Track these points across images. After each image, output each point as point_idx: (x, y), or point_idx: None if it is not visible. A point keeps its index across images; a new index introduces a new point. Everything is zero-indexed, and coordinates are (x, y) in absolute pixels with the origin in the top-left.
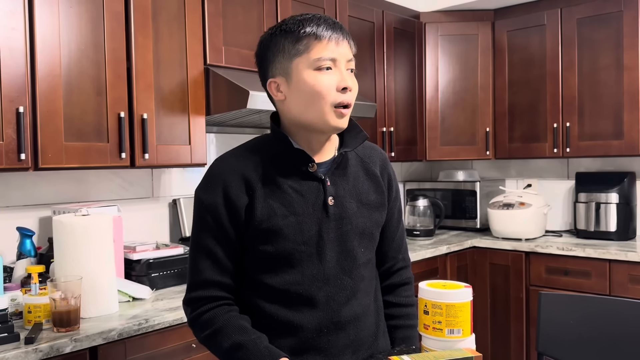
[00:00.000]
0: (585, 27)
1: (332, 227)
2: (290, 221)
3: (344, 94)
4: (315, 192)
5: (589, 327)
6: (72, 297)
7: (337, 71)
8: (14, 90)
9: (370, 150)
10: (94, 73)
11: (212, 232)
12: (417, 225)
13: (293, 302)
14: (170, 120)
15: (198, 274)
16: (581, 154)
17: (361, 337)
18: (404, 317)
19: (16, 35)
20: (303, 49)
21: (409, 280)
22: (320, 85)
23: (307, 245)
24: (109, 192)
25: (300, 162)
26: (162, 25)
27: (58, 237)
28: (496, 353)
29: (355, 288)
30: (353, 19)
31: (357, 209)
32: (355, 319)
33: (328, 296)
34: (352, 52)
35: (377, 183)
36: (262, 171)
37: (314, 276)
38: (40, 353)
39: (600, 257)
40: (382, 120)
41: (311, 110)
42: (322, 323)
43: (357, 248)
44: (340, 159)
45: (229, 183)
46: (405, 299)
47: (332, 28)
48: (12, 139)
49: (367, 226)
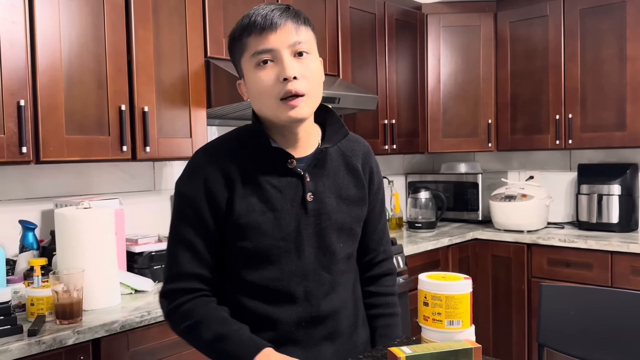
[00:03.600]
0: (588, 18)
1: (311, 223)
2: (268, 217)
3: (288, 84)
4: (294, 188)
5: (590, 319)
6: (75, 290)
7: (278, 62)
8: (15, 84)
9: (353, 143)
10: (95, 66)
11: (192, 224)
12: (418, 218)
13: (272, 297)
14: (171, 113)
15: (177, 266)
16: (584, 145)
17: (340, 328)
18: (384, 306)
19: (17, 28)
20: (242, 47)
21: (391, 271)
22: (259, 82)
23: (286, 241)
24: (110, 185)
25: (279, 159)
26: (162, 18)
27: (60, 230)
28: (498, 345)
29: (334, 283)
30: (354, 10)
31: (337, 205)
32: (334, 312)
33: (307, 291)
34: (298, 34)
35: (358, 177)
36: (242, 166)
37: (292, 272)
38: (43, 345)
39: (602, 249)
40: (383, 113)
41: (263, 107)
42: (301, 317)
43: (336, 243)
44: (321, 155)
45: (209, 176)
46: (386, 288)
47: (265, 17)
48: (13, 132)
49: (346, 221)
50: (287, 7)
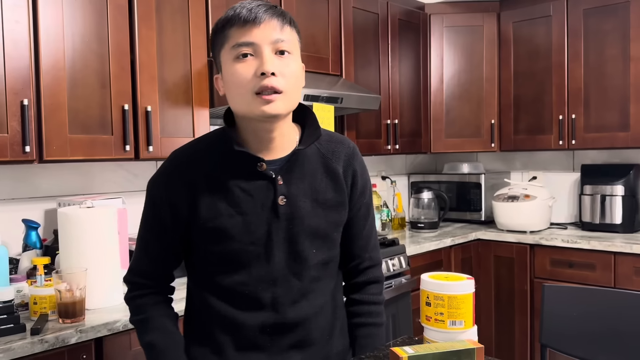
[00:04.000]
0: (592, 18)
1: (283, 228)
2: (237, 221)
3: (265, 79)
4: (264, 192)
5: (592, 320)
6: (77, 289)
7: (258, 57)
8: (19, 83)
9: (336, 145)
10: (98, 66)
11: (151, 225)
12: (421, 218)
13: (239, 301)
14: (174, 112)
15: (135, 261)
16: (587, 146)
17: (310, 337)
18: (366, 315)
19: (20, 28)
20: (224, 39)
21: (377, 279)
22: (237, 75)
23: (256, 246)
24: (113, 184)
25: (249, 162)
26: (165, 18)
27: (63, 229)
28: (500, 345)
29: (305, 290)
30: (357, 10)
31: (311, 209)
32: (304, 320)
33: (274, 297)
34: (283, 32)
35: (337, 181)
36: (210, 169)
37: (261, 277)
38: (46, 344)
39: (605, 250)
40: (386, 112)
41: (238, 101)
42: (265, 323)
43: (308, 249)
44: (295, 157)
45: (172, 178)
46: (371, 296)
47: (250, 11)
48: (16, 131)
49: (320, 226)
50: (274, 6)
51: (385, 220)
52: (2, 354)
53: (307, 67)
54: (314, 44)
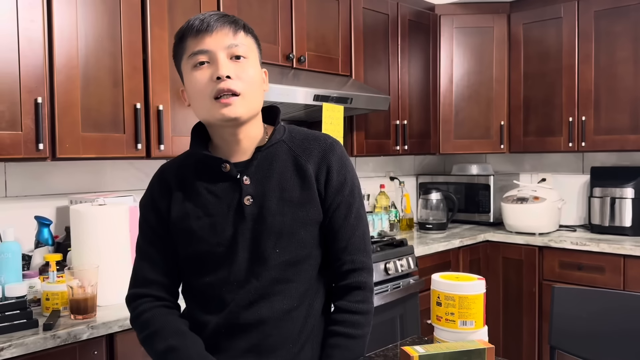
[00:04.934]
0: (603, 20)
1: (249, 228)
2: (204, 223)
3: (220, 83)
4: (230, 193)
5: (602, 322)
6: (89, 285)
7: (213, 63)
8: (33, 81)
9: (310, 143)
10: (111, 64)
11: (146, 234)
12: (429, 219)
13: (207, 303)
14: (185, 111)
15: (137, 273)
16: (597, 148)
17: (270, 342)
18: (340, 323)
19: (35, 27)
20: (182, 50)
21: (358, 284)
22: (195, 82)
23: (222, 247)
24: (124, 182)
25: (214, 164)
26: (177, 17)
27: (75, 226)
28: (508, 347)
29: (265, 291)
30: (367, 11)
31: (277, 207)
32: (261, 323)
33: (234, 299)
34: (236, 38)
35: (304, 178)
36: (184, 175)
37: (224, 279)
38: (58, 339)
39: (614, 252)
40: (395, 113)
41: (199, 109)
42: (220, 325)
43: (271, 249)
44: (263, 157)
45: (155, 189)
46: (349, 303)
47: (202, 20)
48: (30, 129)
49: (286, 224)
50: (226, 14)
51: (394, 221)
52: (15, 349)
53: (317, 67)
54: (324, 44)
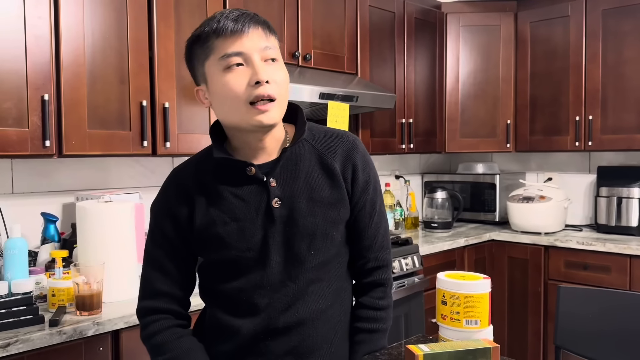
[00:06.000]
0: (611, 19)
1: (279, 231)
2: (232, 228)
3: (259, 88)
4: (258, 196)
5: (608, 322)
6: (95, 282)
7: (249, 66)
8: (40, 78)
9: (332, 141)
10: (117, 62)
11: (161, 244)
12: (435, 218)
13: (237, 308)
14: (191, 109)
15: (148, 284)
16: (603, 147)
17: (308, 343)
18: (364, 320)
19: (42, 24)
20: (209, 50)
21: (382, 281)
22: (230, 85)
23: (252, 252)
24: (130, 180)
25: (238, 167)
26: (184, 15)
27: (81, 223)
28: (513, 346)
29: (301, 293)
30: (374, 9)
31: (308, 208)
32: (300, 324)
33: (268, 303)
34: (268, 40)
35: (333, 177)
36: (203, 179)
37: (257, 283)
38: (64, 335)
39: (620, 252)
40: (401, 112)
41: (230, 113)
42: (258, 329)
43: (306, 252)
44: (287, 157)
45: (171, 195)
46: (373, 300)
47: (235, 20)
48: (37, 126)
49: (318, 225)
50: (254, 14)
51: (399, 220)
52: (22, 345)
53: (323, 65)
54: (330, 42)
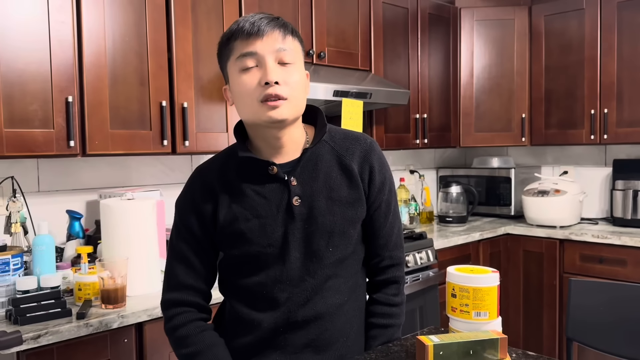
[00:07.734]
0: (626, 11)
1: (299, 228)
2: (253, 224)
3: (268, 88)
4: (279, 194)
5: (618, 314)
6: (119, 276)
7: (262, 67)
8: (64, 81)
9: (351, 142)
10: (137, 64)
11: (185, 239)
12: (449, 212)
13: (257, 302)
14: (209, 108)
15: (173, 278)
16: (619, 140)
17: (326, 337)
18: (379, 315)
19: (65, 28)
20: (229, 51)
21: (396, 278)
22: (243, 85)
23: (273, 247)
24: (151, 178)
25: (261, 166)
26: (200, 17)
27: (105, 220)
28: (528, 340)
29: (319, 288)
30: (387, 5)
31: (327, 207)
32: (318, 318)
33: (288, 297)
34: (285, 42)
35: (351, 177)
36: (227, 177)
37: (277, 278)
38: (90, 327)
39: (636, 246)
40: (415, 107)
41: (246, 110)
42: (278, 322)
43: (325, 248)
44: (307, 157)
45: (196, 192)
46: (387, 297)
47: (253, 23)
48: (62, 127)
49: (337, 224)
50: (276, 17)
51: (413, 214)
52: (52, 336)
53: (337, 63)
54: (343, 39)
